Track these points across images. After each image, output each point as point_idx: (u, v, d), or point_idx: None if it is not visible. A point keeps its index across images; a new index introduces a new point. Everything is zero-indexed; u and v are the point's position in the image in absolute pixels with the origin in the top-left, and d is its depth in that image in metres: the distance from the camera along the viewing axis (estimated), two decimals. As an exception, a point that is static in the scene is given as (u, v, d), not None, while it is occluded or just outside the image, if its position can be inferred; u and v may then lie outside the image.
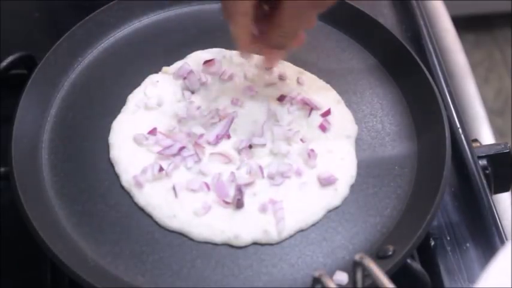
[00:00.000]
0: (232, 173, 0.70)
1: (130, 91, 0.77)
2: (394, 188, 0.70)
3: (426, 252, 0.71)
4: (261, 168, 0.70)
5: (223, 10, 0.70)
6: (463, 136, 0.79)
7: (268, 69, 0.77)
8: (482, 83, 1.95)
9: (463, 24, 1.34)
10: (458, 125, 0.80)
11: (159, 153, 0.71)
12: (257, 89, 0.76)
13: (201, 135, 0.72)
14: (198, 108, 0.74)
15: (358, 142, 0.74)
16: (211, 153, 0.71)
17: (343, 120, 0.75)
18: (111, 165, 0.71)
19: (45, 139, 0.74)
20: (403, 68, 0.77)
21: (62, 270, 0.63)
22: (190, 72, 0.76)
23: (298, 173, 0.70)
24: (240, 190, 0.68)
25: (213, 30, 0.82)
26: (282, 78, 0.77)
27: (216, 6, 0.84)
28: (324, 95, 0.77)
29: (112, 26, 0.82)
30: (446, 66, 0.91)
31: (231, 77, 0.77)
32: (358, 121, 0.75)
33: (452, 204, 0.75)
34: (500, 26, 2.09)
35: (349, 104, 0.77)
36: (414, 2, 0.92)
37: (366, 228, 0.68)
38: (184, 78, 0.76)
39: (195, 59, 0.79)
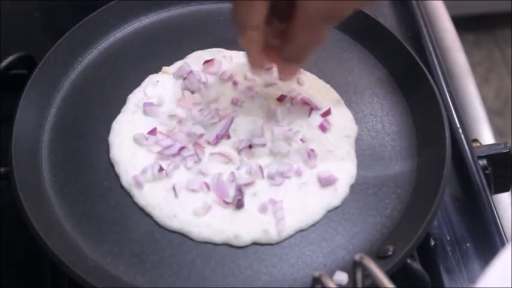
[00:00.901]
0: (232, 173, 0.70)
1: (131, 91, 0.77)
2: (394, 188, 0.70)
3: (426, 252, 0.71)
4: (261, 168, 0.70)
5: (233, 24, 0.68)
6: (463, 136, 0.79)
7: (268, 70, 0.77)
8: (482, 83, 1.95)
9: (463, 24, 1.34)
10: (458, 125, 0.80)
11: (159, 153, 0.71)
12: (257, 89, 0.76)
13: (201, 135, 0.72)
14: (199, 108, 0.74)
15: (358, 142, 0.74)
16: (211, 153, 0.71)
17: (343, 120, 0.75)
18: (111, 165, 0.71)
19: (45, 139, 0.74)
20: (403, 68, 0.77)
21: (62, 270, 0.63)
22: (190, 72, 0.76)
23: (298, 173, 0.70)
24: (240, 190, 0.68)
25: (213, 30, 0.82)
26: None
27: (215, 6, 0.84)
28: (324, 95, 0.77)
29: (112, 26, 0.82)
30: (446, 66, 0.91)
31: (231, 77, 0.77)
32: (358, 121, 0.75)
33: (452, 204, 0.75)
34: (500, 26, 2.09)
35: (349, 104, 0.77)
36: (414, 2, 0.92)
37: (365, 228, 0.68)
38: (184, 78, 0.76)
39: (195, 59, 0.79)
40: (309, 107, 0.75)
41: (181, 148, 0.71)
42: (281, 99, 0.75)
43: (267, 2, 0.65)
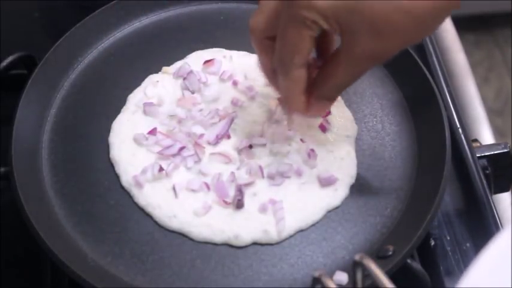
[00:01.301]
0: (232, 173, 0.70)
1: (131, 91, 0.77)
2: (394, 188, 0.70)
3: (426, 252, 0.71)
4: (261, 168, 0.70)
5: (276, 60, 0.63)
6: (463, 136, 0.79)
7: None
8: (482, 83, 1.95)
9: (463, 24, 1.34)
10: (458, 125, 0.80)
11: (159, 153, 0.71)
12: (257, 89, 0.76)
13: (201, 135, 0.72)
14: (199, 108, 0.74)
15: (358, 142, 0.74)
16: (211, 153, 0.71)
17: (343, 120, 0.75)
18: (111, 165, 0.71)
19: (45, 139, 0.74)
20: (403, 68, 0.77)
21: (62, 270, 0.63)
22: (190, 72, 0.76)
23: (298, 173, 0.70)
24: (240, 190, 0.68)
25: (213, 30, 0.82)
26: (282, 78, 0.77)
27: (215, 6, 0.84)
28: (324, 95, 0.76)
29: (112, 26, 0.82)
30: (446, 66, 0.91)
31: (231, 77, 0.77)
32: (358, 121, 0.75)
33: (452, 204, 0.75)
34: (500, 26, 2.09)
35: (349, 104, 0.76)
36: (414, 2, 0.92)
37: (365, 228, 0.68)
38: (184, 78, 0.76)
39: (195, 59, 0.79)
40: (309, 107, 0.75)
41: (181, 148, 0.71)
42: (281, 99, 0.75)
43: (314, 37, 0.61)
